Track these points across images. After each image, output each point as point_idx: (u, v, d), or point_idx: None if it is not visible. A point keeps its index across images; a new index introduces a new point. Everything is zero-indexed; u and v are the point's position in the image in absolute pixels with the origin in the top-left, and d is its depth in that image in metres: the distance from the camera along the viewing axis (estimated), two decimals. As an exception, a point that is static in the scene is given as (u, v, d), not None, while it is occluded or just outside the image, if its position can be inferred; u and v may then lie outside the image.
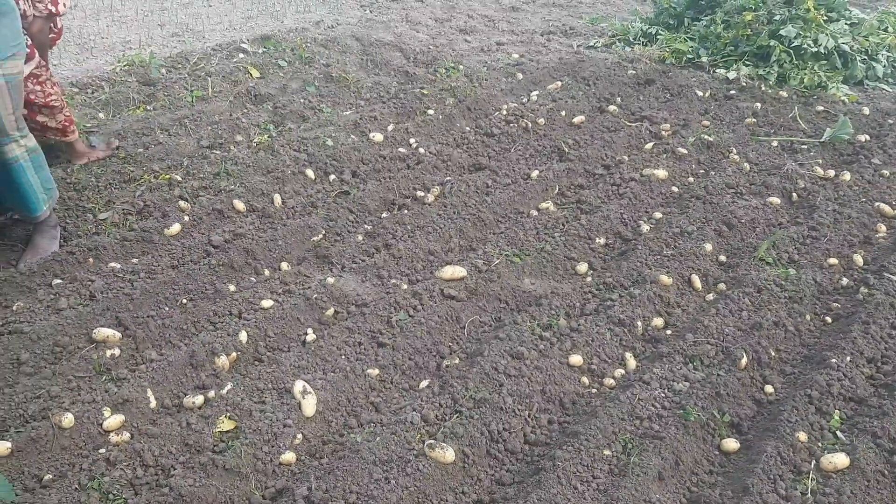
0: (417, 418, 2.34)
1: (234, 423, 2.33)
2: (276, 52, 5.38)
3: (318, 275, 3.14)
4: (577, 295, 3.02)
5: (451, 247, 3.35)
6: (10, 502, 1.96)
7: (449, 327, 2.84)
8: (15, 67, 2.86)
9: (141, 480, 2.12)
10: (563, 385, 2.55)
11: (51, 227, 3.20)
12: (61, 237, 3.25)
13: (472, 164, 4.10)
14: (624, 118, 4.63)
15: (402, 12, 6.79)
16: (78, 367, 2.51)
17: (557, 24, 6.77)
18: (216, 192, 3.67)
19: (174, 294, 2.94)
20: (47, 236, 3.18)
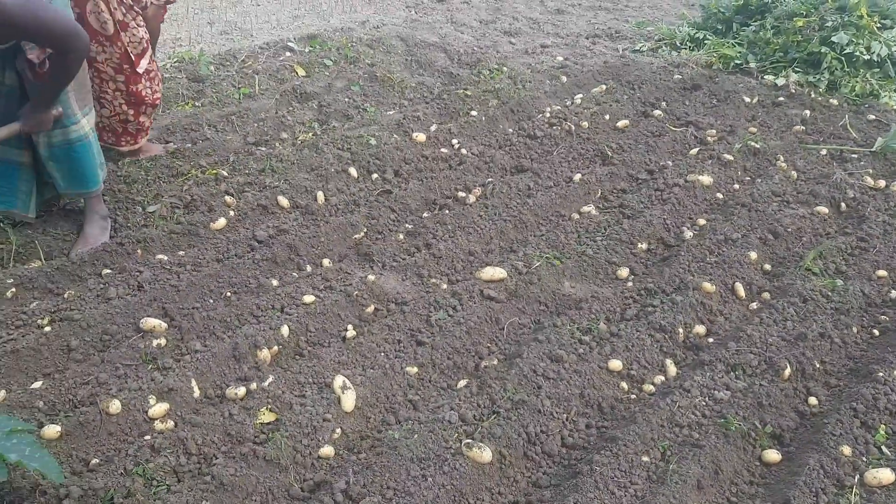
0: (455, 417, 2.35)
1: (274, 416, 2.37)
2: (322, 52, 5.44)
3: (359, 272, 3.16)
4: (617, 300, 3.01)
5: (491, 248, 3.35)
6: (58, 483, 2.02)
7: (488, 328, 2.84)
8: None
9: (184, 468, 2.17)
10: (602, 389, 2.54)
11: (101, 217, 3.29)
12: (111, 228, 3.34)
13: (515, 165, 4.10)
14: (669, 123, 4.59)
15: (446, 13, 6.82)
16: (125, 356, 2.57)
17: (603, 28, 6.73)
18: (261, 188, 3.73)
19: (219, 287, 2.99)
20: (98, 227, 3.26)
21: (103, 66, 3.47)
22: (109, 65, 3.48)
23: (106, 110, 3.62)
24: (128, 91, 3.57)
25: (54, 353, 2.57)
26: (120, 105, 3.61)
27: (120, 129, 3.70)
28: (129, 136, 3.76)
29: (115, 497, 2.05)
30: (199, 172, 3.83)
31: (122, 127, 3.69)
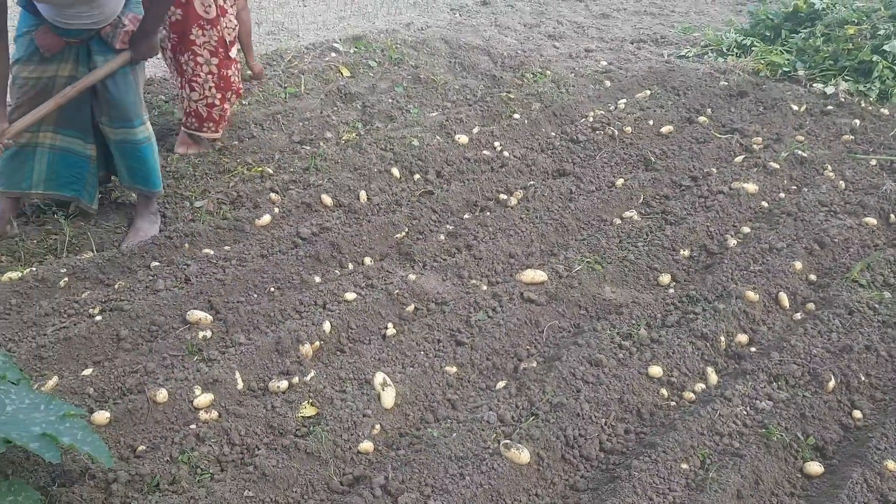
0: (494, 418, 2.36)
1: (315, 410, 2.41)
2: (367, 53, 5.50)
3: (400, 271, 3.19)
4: (658, 306, 2.99)
5: (532, 251, 3.36)
6: (107, 468, 2.08)
7: (527, 330, 2.85)
8: None
9: (227, 458, 2.22)
10: (642, 395, 2.52)
11: (152, 213, 3.38)
12: (161, 223, 3.42)
13: (557, 169, 4.09)
14: (714, 130, 4.54)
15: (491, 17, 6.84)
16: (172, 346, 2.63)
17: (648, 33, 6.68)
18: (305, 186, 3.78)
19: (263, 282, 3.04)
20: (148, 221, 3.35)
21: (200, 49, 3.72)
22: (206, 48, 3.74)
23: (196, 93, 3.84)
24: (219, 75, 3.83)
25: (104, 341, 2.65)
26: (210, 89, 3.85)
27: (205, 114, 3.91)
28: (212, 122, 3.96)
29: (161, 483, 2.10)
30: (244, 170, 3.90)
31: (207, 111, 3.91)
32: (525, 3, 7.47)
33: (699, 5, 7.98)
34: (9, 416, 1.91)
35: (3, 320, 2.73)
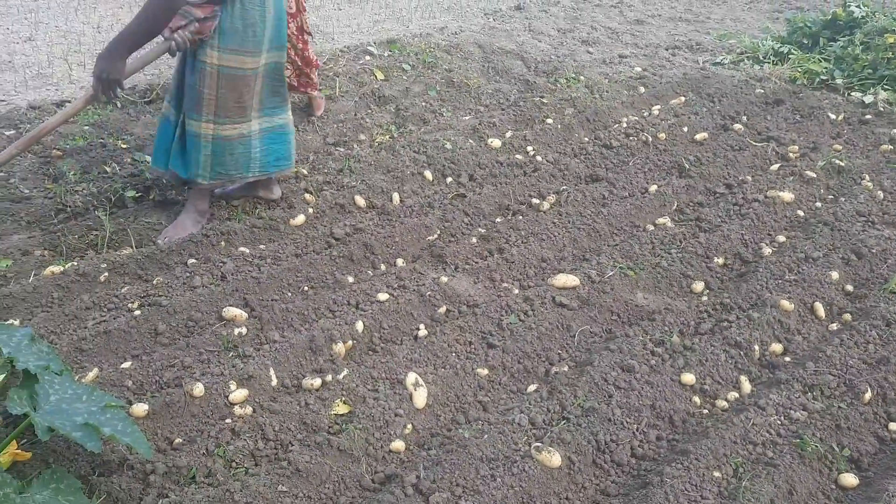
0: (525, 420, 2.36)
1: (348, 408, 2.43)
2: (401, 56, 5.54)
3: (432, 273, 3.21)
4: (691, 313, 2.97)
5: (564, 255, 3.36)
6: (145, 459, 2.12)
7: (559, 334, 2.85)
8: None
9: (262, 452, 2.25)
10: (674, 402, 2.51)
11: (197, 211, 3.43)
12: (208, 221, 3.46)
13: (589, 174, 4.09)
14: (749, 137, 4.51)
15: (524, 21, 6.84)
16: (208, 342, 2.67)
17: (683, 39, 6.64)
18: (339, 188, 3.82)
19: (297, 281, 3.08)
20: (191, 219, 3.41)
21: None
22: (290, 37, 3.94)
23: (288, 71, 3.96)
24: (302, 56, 4.17)
25: (143, 335, 2.70)
26: (297, 65, 4.17)
27: (296, 83, 4.25)
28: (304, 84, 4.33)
29: (197, 476, 2.14)
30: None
31: (297, 81, 4.25)
32: (559, 8, 7.48)
33: (735, 12, 7.93)
34: (52, 406, 1.96)
35: (45, 313, 2.80)
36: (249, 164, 3.38)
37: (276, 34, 3.22)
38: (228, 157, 3.31)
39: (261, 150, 3.40)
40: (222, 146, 3.28)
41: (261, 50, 3.16)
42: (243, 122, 3.28)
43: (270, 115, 3.41)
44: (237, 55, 3.11)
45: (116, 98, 3.09)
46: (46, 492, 1.87)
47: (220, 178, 3.36)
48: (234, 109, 3.22)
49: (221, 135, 3.25)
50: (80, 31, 5.84)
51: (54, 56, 5.23)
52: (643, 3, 7.97)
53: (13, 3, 6.48)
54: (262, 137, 3.40)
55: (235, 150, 3.31)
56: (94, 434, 1.90)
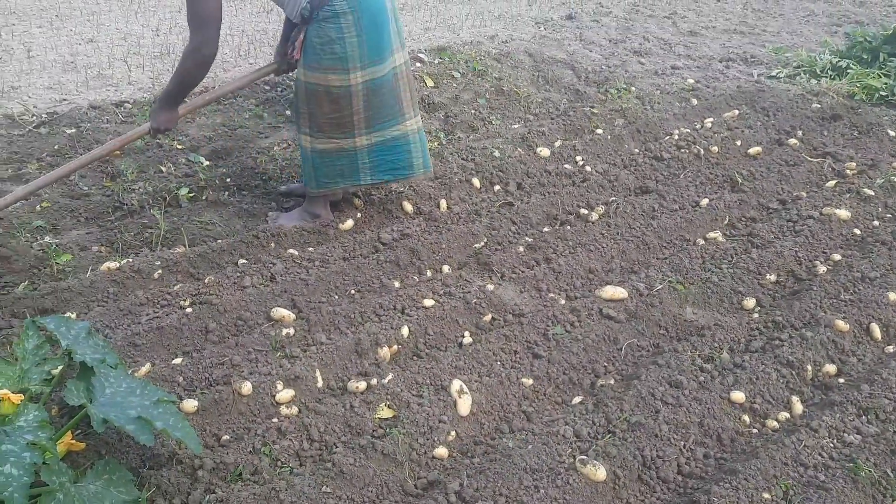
0: (570, 432, 2.34)
1: (392, 412, 2.44)
2: (451, 64, 5.55)
3: (478, 281, 3.21)
4: (742, 330, 2.92)
5: (612, 267, 3.33)
6: (194, 454, 2.16)
7: (605, 347, 2.82)
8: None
9: (306, 453, 2.27)
10: (723, 420, 2.47)
11: (308, 212, 3.51)
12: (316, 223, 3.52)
13: (639, 186, 4.05)
14: (805, 153, 4.41)
15: (576, 31, 6.82)
16: (257, 341, 2.71)
17: (738, 52, 6.54)
18: (387, 193, 3.84)
19: (344, 284, 3.11)
20: (298, 214, 3.52)
21: None
22: None
23: None
24: None
25: (194, 333, 2.75)
26: None
27: None
28: None
29: (244, 473, 2.16)
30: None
31: None
32: (611, 18, 7.43)
33: (792, 25, 7.78)
34: (107, 399, 2.01)
35: (101, 307, 2.87)
36: (359, 174, 3.41)
37: (368, 50, 3.15)
38: (330, 169, 3.36)
39: (370, 160, 3.40)
40: (321, 158, 3.34)
41: (346, 68, 3.13)
42: (343, 139, 3.30)
43: (381, 129, 3.37)
44: (317, 72, 3.15)
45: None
46: (99, 482, 1.91)
47: (327, 188, 3.43)
48: (327, 125, 3.26)
49: (318, 148, 3.32)
50: (140, 34, 5.99)
51: (114, 57, 5.38)
52: (697, 15, 7.88)
53: (77, 6, 6.69)
54: (374, 151, 3.39)
55: (337, 162, 3.35)
56: (146, 427, 1.94)
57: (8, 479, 1.73)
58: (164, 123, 3.20)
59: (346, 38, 3.09)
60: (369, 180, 3.45)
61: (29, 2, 6.69)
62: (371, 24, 3.12)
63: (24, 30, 5.90)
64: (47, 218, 3.48)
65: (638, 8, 7.93)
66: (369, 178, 3.44)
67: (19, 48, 5.44)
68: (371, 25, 3.12)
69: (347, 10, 3.05)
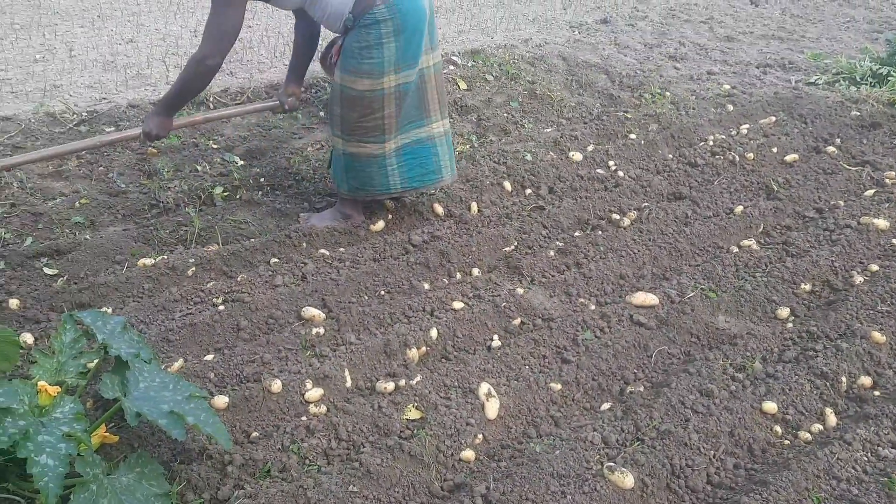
0: (598, 439, 2.33)
1: (420, 414, 2.45)
2: (485, 67, 5.56)
3: (508, 284, 3.21)
4: (775, 340, 2.88)
5: (643, 273, 3.30)
6: (224, 450, 2.18)
7: (635, 353, 2.80)
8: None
9: (334, 451, 2.28)
10: (754, 431, 2.43)
11: (340, 213, 3.53)
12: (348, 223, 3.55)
13: (672, 192, 4.01)
14: (843, 161, 4.34)
15: (610, 35, 6.78)
16: (287, 340, 2.74)
17: (775, 58, 6.46)
18: (418, 195, 3.85)
19: (374, 285, 3.12)
20: (331, 214, 3.55)
21: None
22: None
23: None
24: None
25: (226, 330, 2.78)
26: None
27: None
28: None
29: (272, 470, 2.18)
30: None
31: None
32: (646, 22, 7.38)
33: (832, 31, 7.66)
34: (141, 393, 2.04)
35: (136, 302, 2.92)
36: (388, 180, 3.41)
37: (403, 55, 3.17)
38: (361, 174, 3.38)
39: (399, 166, 3.40)
40: (351, 162, 3.36)
41: (381, 72, 3.16)
42: (373, 143, 3.31)
43: (408, 130, 3.39)
44: (353, 76, 3.17)
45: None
46: (132, 475, 1.95)
47: (357, 193, 3.44)
48: (358, 129, 3.27)
49: (349, 151, 3.33)
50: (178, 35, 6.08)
51: (153, 57, 5.46)
52: (734, 20, 7.79)
53: (118, 7, 6.81)
54: (401, 154, 3.40)
55: (367, 167, 3.36)
56: (179, 422, 1.97)
57: (44, 470, 1.77)
58: (156, 129, 3.25)
59: (384, 43, 3.11)
60: (399, 188, 3.45)
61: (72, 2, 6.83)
62: (409, 31, 3.14)
63: (66, 29, 6.02)
64: (86, 214, 3.55)
65: (674, 13, 7.87)
66: (399, 186, 3.45)
67: (62, 48, 5.55)
68: (409, 31, 3.14)
69: (388, 17, 3.07)
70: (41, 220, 3.47)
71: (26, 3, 6.67)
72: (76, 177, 3.85)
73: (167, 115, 3.26)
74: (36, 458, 1.78)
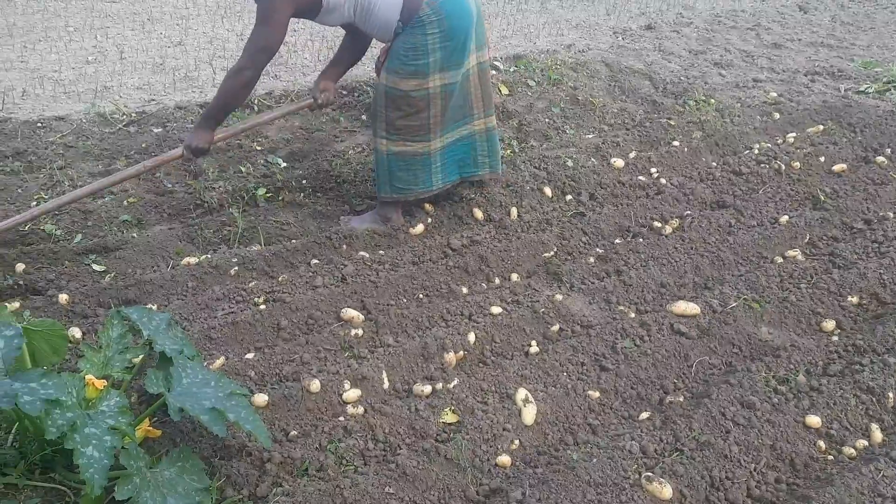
0: (636, 448, 2.31)
1: (456, 417, 2.45)
2: (527, 72, 5.55)
3: (547, 290, 3.19)
4: (820, 352, 2.82)
5: (684, 282, 3.26)
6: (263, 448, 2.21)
7: (675, 363, 2.77)
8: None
9: (371, 453, 2.30)
10: (796, 445, 2.38)
11: (380, 216, 3.57)
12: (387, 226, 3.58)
13: (716, 200, 3.96)
14: (893, 171, 4.23)
15: (655, 41, 6.72)
16: (326, 340, 2.76)
17: (824, 65, 6.33)
18: (458, 199, 3.86)
19: (412, 288, 3.14)
20: (374, 218, 3.58)
21: None
22: None
23: None
24: None
25: (266, 329, 2.82)
26: None
27: None
28: None
29: (310, 469, 2.21)
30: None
31: None
32: (692, 29, 7.30)
33: (883, 38, 7.48)
34: (184, 389, 2.08)
35: (180, 300, 2.98)
36: (430, 178, 3.49)
37: (449, 57, 3.23)
38: (405, 174, 3.43)
39: (442, 163, 3.49)
40: (396, 162, 3.41)
41: (427, 73, 3.22)
42: (419, 142, 3.38)
43: (453, 129, 3.49)
44: (399, 77, 3.24)
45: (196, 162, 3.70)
46: (173, 469, 1.99)
47: (398, 194, 3.49)
48: (403, 128, 3.33)
49: (393, 150, 3.39)
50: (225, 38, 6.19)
51: (201, 60, 5.57)
52: (782, 27, 7.66)
53: (167, 10, 6.96)
54: (445, 151, 3.49)
55: (412, 166, 3.42)
56: (220, 419, 2.00)
57: (90, 461, 1.81)
58: (200, 143, 3.24)
59: (430, 44, 3.17)
60: (440, 184, 3.52)
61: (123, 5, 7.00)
62: (455, 32, 3.20)
63: (118, 32, 6.18)
64: (133, 213, 3.64)
65: (720, 19, 7.77)
66: (440, 182, 3.51)
67: (113, 50, 5.70)
68: (455, 33, 3.20)
69: (434, 19, 3.14)
70: (90, 217, 3.56)
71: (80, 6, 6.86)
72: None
73: (209, 128, 3.26)
74: (82, 450, 1.82)
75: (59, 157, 3.99)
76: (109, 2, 7.11)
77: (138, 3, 7.11)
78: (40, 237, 3.39)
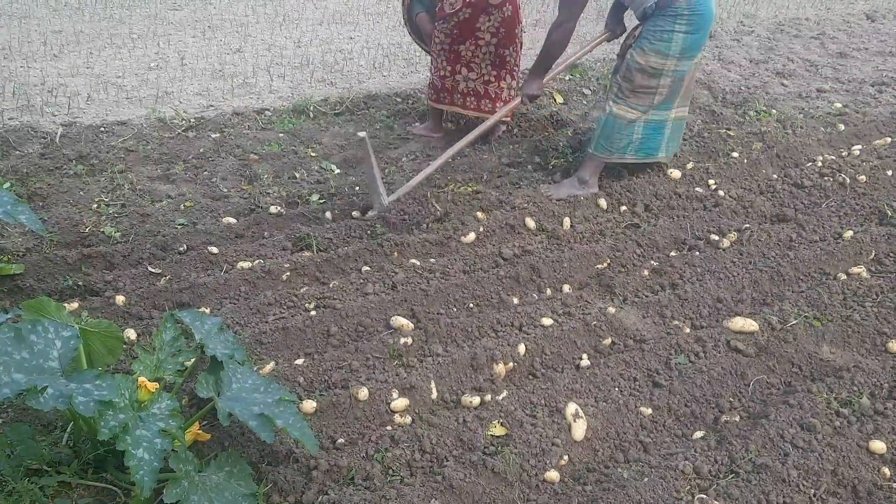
0: (689, 468, 2.24)
1: (505, 430, 2.41)
2: (582, 81, 5.50)
3: (599, 302, 3.14)
4: (885, 374, 2.69)
5: (742, 297, 3.17)
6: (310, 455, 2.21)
7: (731, 381, 2.68)
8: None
9: (417, 463, 2.28)
10: (859, 471, 2.28)
11: (578, 177, 3.99)
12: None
13: (776, 214, 3.84)
14: (967, 186, 4.05)
15: (715, 50, 6.58)
16: (375, 348, 2.76)
17: (892, 75, 6.11)
18: (511, 208, 3.83)
19: (463, 297, 3.11)
20: (573, 184, 3.99)
21: (482, 33, 4.23)
22: (489, 30, 4.23)
23: (473, 73, 4.36)
24: (495, 52, 4.30)
25: (316, 335, 2.83)
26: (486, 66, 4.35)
27: (482, 91, 4.41)
28: (487, 100, 4.43)
29: (356, 478, 2.20)
30: (455, 187, 4.03)
31: (483, 88, 4.40)
32: (753, 37, 7.13)
33: (956, 47, 7.19)
34: (234, 393, 2.09)
35: (232, 305, 3.01)
36: (627, 147, 3.94)
37: (689, 47, 3.65)
38: (614, 134, 3.90)
39: (639, 136, 3.92)
40: (612, 122, 3.88)
41: (667, 55, 3.66)
42: (636, 110, 3.84)
43: (660, 110, 3.88)
44: (644, 54, 3.68)
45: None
46: (221, 473, 2.00)
47: (603, 152, 3.95)
48: (632, 95, 3.80)
49: (614, 111, 3.86)
50: (283, 46, 6.29)
51: (258, 67, 5.67)
52: (848, 36, 7.43)
53: (227, 18, 7.10)
54: (646, 126, 3.91)
55: (621, 130, 3.89)
56: (268, 425, 2.01)
57: (140, 463, 1.83)
58: (535, 90, 3.98)
59: (677, 32, 3.60)
60: (631, 158, 3.99)
61: (186, 14, 7.17)
62: (700, 27, 3.62)
63: (179, 39, 6.33)
64: (189, 216, 3.70)
65: (783, 27, 7.57)
66: (632, 156, 3.99)
67: (174, 56, 5.83)
68: (699, 28, 3.62)
69: (686, 13, 3.56)
70: (148, 220, 3.63)
71: (144, 14, 7.05)
72: (182, 180, 4.02)
73: (539, 76, 3.95)
74: (133, 452, 1.84)
75: (119, 161, 4.09)
76: (172, 10, 7.29)
77: (200, 11, 7.27)
78: (100, 239, 3.47)
